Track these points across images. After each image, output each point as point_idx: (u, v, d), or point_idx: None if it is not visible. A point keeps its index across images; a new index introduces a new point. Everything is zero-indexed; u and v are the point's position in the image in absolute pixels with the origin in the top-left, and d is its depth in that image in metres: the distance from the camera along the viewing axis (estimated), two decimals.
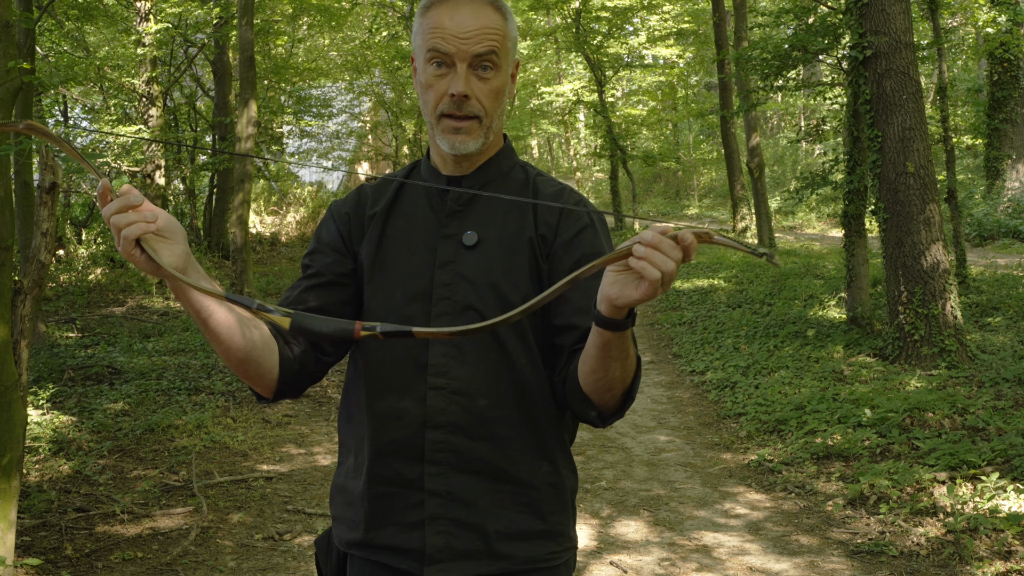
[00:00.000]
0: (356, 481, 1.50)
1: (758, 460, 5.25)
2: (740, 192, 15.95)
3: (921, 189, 6.81)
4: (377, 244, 1.50)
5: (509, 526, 1.45)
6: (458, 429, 1.43)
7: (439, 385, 1.43)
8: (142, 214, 1.22)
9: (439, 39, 1.40)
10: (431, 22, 1.42)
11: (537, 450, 1.47)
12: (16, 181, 6.78)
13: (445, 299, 1.45)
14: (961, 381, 6.18)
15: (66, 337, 8.39)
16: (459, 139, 1.44)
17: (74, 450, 5.21)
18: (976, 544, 3.84)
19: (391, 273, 1.48)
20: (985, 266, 10.62)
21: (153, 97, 11.61)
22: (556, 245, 1.47)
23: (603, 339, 1.26)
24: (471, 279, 1.45)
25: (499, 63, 1.43)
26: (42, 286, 3.59)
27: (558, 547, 1.50)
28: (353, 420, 1.52)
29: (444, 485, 1.43)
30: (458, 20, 1.40)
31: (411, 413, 1.44)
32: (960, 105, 17.55)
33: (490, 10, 1.43)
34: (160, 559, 3.95)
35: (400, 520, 1.45)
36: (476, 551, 1.44)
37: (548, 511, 1.48)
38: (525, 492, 1.46)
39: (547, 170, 37.34)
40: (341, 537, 1.53)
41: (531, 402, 1.46)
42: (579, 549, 4.10)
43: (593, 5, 18.05)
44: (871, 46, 6.97)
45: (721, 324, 8.97)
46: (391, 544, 1.46)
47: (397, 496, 1.45)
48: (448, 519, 1.43)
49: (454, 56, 1.40)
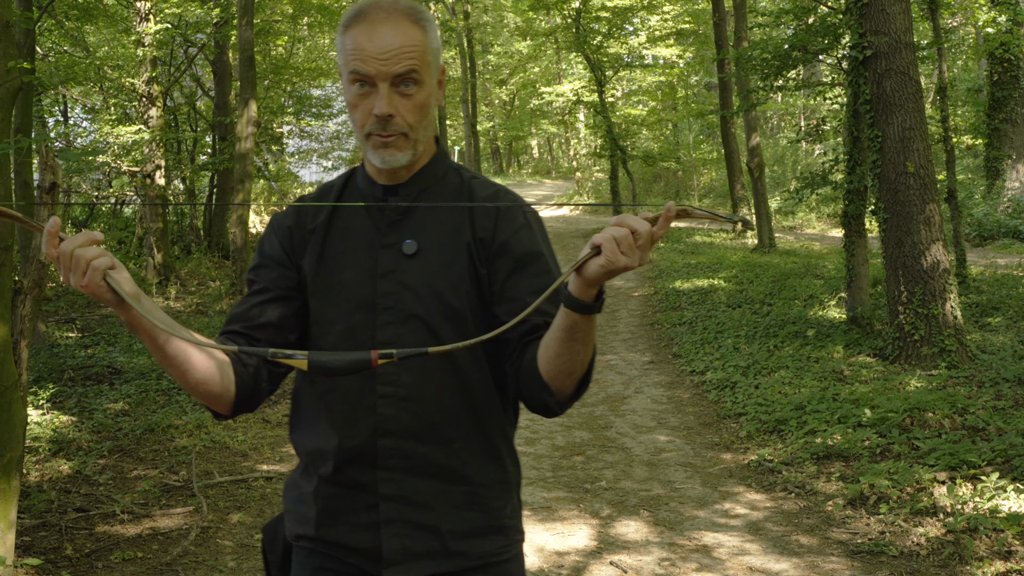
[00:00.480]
0: (308, 481, 1.54)
1: (758, 460, 5.25)
2: (740, 192, 15.95)
3: (921, 189, 6.81)
4: (319, 256, 1.53)
5: (462, 525, 1.49)
6: (409, 434, 1.47)
7: (388, 393, 1.46)
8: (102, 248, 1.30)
9: (359, 61, 1.42)
10: (350, 43, 1.43)
11: (484, 449, 1.52)
12: (16, 181, 6.78)
13: (389, 308, 1.48)
14: (961, 381, 6.18)
15: (66, 337, 8.39)
16: (388, 153, 1.46)
17: (74, 450, 5.21)
18: (976, 544, 3.84)
19: (334, 285, 1.51)
20: (985, 266, 10.62)
21: (153, 97, 11.61)
22: (494, 248, 1.50)
23: (570, 321, 1.30)
24: (413, 288, 1.47)
25: (420, 79, 1.44)
26: (42, 286, 3.59)
27: (508, 541, 1.55)
28: (300, 428, 1.56)
29: (398, 489, 1.47)
30: (376, 41, 1.41)
31: (362, 421, 1.47)
32: (960, 105, 17.55)
33: (408, 25, 1.44)
34: (160, 559, 3.95)
35: (352, 520, 1.50)
36: (432, 551, 1.48)
37: (497, 507, 1.53)
38: (475, 491, 1.50)
39: (547, 170, 37.37)
40: (291, 530, 1.57)
41: (477, 402, 1.50)
42: (579, 549, 4.11)
43: (593, 5, 18.04)
44: (871, 46, 6.97)
45: (721, 324, 8.97)
46: (341, 542, 1.50)
47: (349, 498, 1.50)
48: (403, 522, 1.47)
49: (375, 77, 1.42)
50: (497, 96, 37.37)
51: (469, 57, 19.15)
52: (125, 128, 11.06)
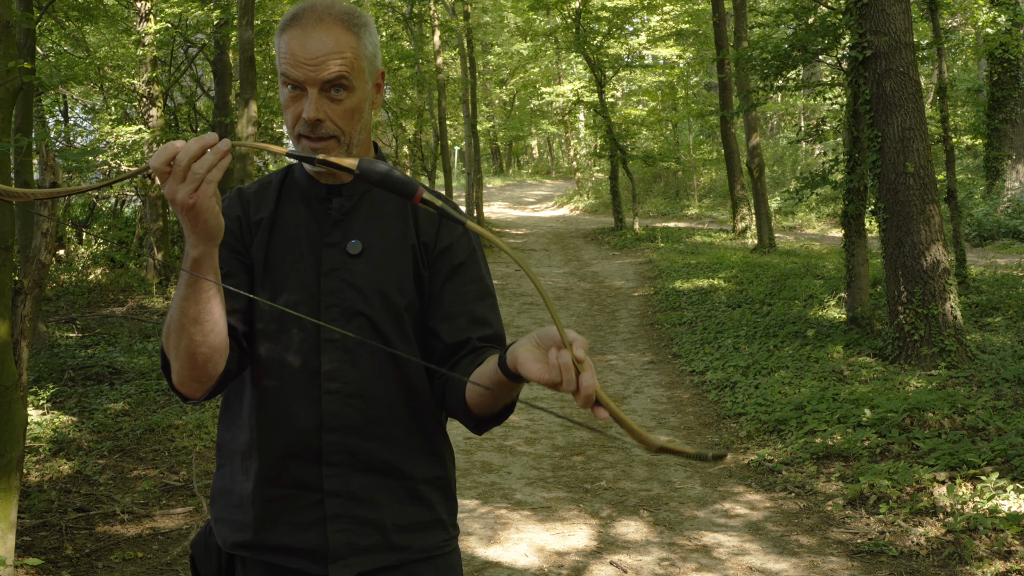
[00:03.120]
0: (244, 484, 1.52)
1: (758, 460, 5.26)
2: (740, 192, 15.95)
3: (921, 189, 6.81)
4: (265, 250, 1.53)
5: (404, 518, 1.52)
6: (353, 431, 1.48)
7: (333, 389, 1.48)
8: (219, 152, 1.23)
9: (289, 66, 1.43)
10: (284, 46, 1.44)
11: (425, 445, 1.54)
12: (16, 181, 6.78)
13: (335, 306, 1.49)
14: (961, 381, 6.18)
15: (66, 337, 8.40)
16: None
17: (74, 450, 5.21)
18: (976, 544, 3.84)
19: (279, 279, 1.52)
20: (985, 266, 10.62)
21: (153, 97, 11.62)
22: (435, 252, 1.53)
23: (502, 380, 1.32)
24: (358, 286, 1.49)
25: (351, 84, 1.45)
26: (42, 286, 3.60)
27: (448, 535, 1.58)
28: (236, 425, 1.55)
29: (343, 485, 1.48)
30: (307, 46, 1.42)
31: (305, 417, 1.48)
32: (960, 105, 17.56)
33: (340, 31, 1.44)
34: (160, 559, 3.95)
35: (294, 520, 1.49)
36: (376, 545, 1.50)
37: (437, 502, 1.56)
38: (416, 486, 1.53)
39: (547, 170, 37.37)
40: (226, 539, 1.54)
41: (417, 400, 1.53)
42: (579, 549, 4.11)
43: (593, 5, 18.04)
44: (871, 46, 6.97)
45: (721, 324, 8.97)
46: (283, 544, 1.49)
47: (291, 497, 1.49)
48: (348, 517, 1.49)
49: (304, 82, 1.43)
50: (497, 96, 37.37)
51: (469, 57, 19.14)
52: (125, 128, 11.06)
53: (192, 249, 1.28)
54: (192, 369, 1.38)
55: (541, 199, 27.48)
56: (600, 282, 12.57)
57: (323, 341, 1.48)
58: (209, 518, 1.62)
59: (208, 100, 15.33)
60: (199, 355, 1.36)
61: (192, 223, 1.25)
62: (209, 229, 1.26)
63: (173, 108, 14.12)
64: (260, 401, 1.50)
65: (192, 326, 1.33)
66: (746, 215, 15.88)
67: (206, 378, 1.40)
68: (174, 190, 1.21)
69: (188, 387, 1.41)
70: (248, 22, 9.36)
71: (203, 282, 1.30)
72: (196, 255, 1.28)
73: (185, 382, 1.40)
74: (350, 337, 1.47)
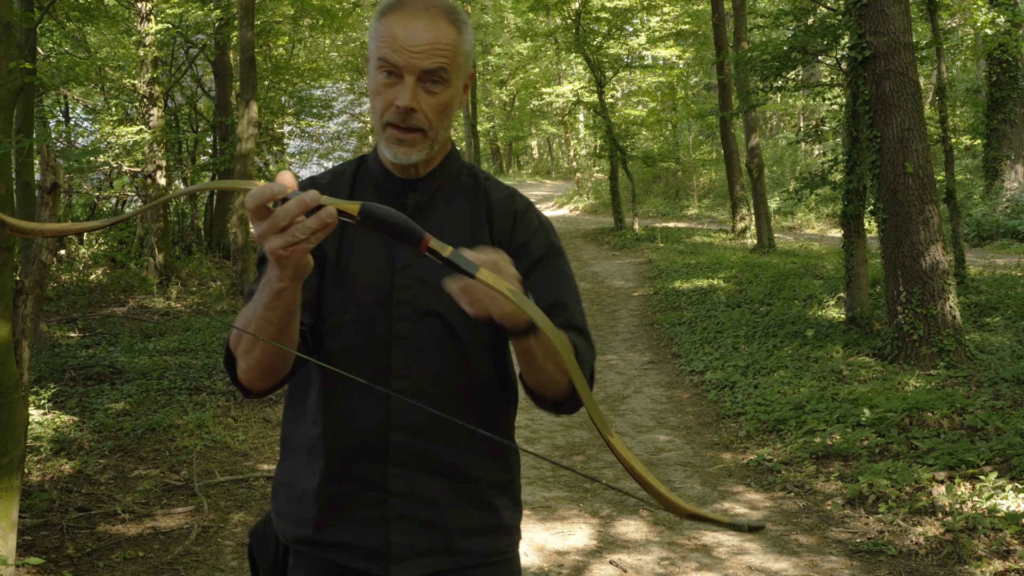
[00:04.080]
0: (309, 479, 1.50)
1: (757, 460, 5.27)
2: (739, 193, 15.96)
3: (920, 189, 6.82)
4: (338, 243, 1.50)
5: (468, 522, 1.49)
6: (419, 431, 1.46)
7: (402, 388, 1.45)
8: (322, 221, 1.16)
9: (389, 50, 1.40)
10: (384, 30, 1.42)
11: (491, 449, 1.52)
12: (17, 181, 6.80)
13: (406, 303, 1.47)
14: (960, 381, 6.19)
15: (67, 337, 8.41)
16: (402, 150, 1.45)
17: (75, 450, 5.22)
18: (975, 543, 3.85)
19: (352, 274, 1.49)
20: (984, 266, 10.63)
21: (154, 98, 11.63)
22: (512, 249, 1.50)
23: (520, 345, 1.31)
24: (431, 283, 1.46)
25: (448, 78, 1.43)
26: (43, 286, 3.61)
27: (511, 541, 1.55)
28: (301, 419, 1.53)
29: (407, 485, 1.46)
30: (410, 32, 1.40)
31: (373, 415, 1.46)
32: (959, 106, 17.57)
33: (444, 23, 1.42)
34: (161, 558, 3.96)
35: (356, 519, 1.47)
36: (437, 547, 1.47)
37: (502, 506, 1.53)
38: (481, 490, 1.51)
39: (547, 170, 37.36)
40: (287, 533, 1.53)
41: (485, 402, 1.50)
42: (579, 549, 4.12)
43: (593, 6, 18.05)
44: (870, 47, 6.98)
45: (720, 324, 8.98)
46: (345, 541, 1.48)
47: (355, 495, 1.47)
48: (411, 518, 1.46)
49: (403, 69, 1.40)
50: (497, 96, 37.38)
51: None
52: (126, 128, 11.08)
53: (276, 282, 1.23)
54: (261, 372, 1.36)
55: (541, 199, 27.48)
56: (600, 282, 12.58)
57: (393, 338, 1.45)
58: (269, 509, 1.60)
59: (209, 100, 15.35)
60: (271, 363, 1.35)
61: (280, 268, 1.20)
62: (297, 273, 1.21)
63: (174, 108, 14.13)
64: (327, 397, 1.48)
65: (279, 313, 1.28)
66: (745, 215, 15.89)
67: (274, 379, 1.40)
68: (266, 238, 1.16)
69: (254, 384, 1.40)
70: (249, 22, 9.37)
71: (287, 308, 1.26)
72: (279, 288, 1.23)
73: (252, 380, 1.39)
74: (420, 335, 1.45)
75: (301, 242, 1.15)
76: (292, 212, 1.14)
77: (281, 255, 1.17)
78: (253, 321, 1.29)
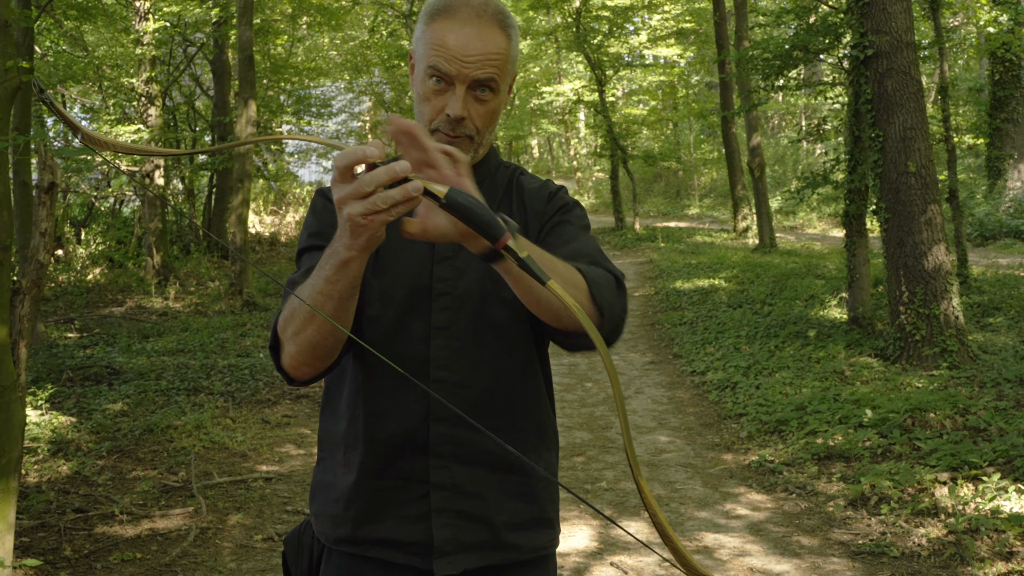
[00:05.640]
0: (346, 476, 1.48)
1: (759, 461, 5.24)
2: (741, 192, 15.94)
3: (922, 189, 6.79)
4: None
5: (514, 516, 1.47)
6: (461, 421, 1.43)
7: (442, 378, 1.43)
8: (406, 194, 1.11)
9: (441, 59, 1.38)
10: (435, 36, 1.39)
11: (536, 439, 1.50)
12: (15, 181, 6.76)
13: (446, 294, 1.45)
14: (962, 381, 6.17)
15: (65, 337, 8.38)
16: None
17: (73, 451, 5.20)
18: (977, 545, 3.82)
19: (391, 266, 1.48)
20: (987, 266, 10.61)
21: (152, 96, 11.60)
22: (546, 219, 1.50)
23: (504, 273, 1.23)
24: (471, 274, 1.45)
25: (498, 86, 1.42)
26: (41, 286, 3.58)
27: (554, 534, 1.54)
28: (340, 415, 1.50)
29: (449, 478, 1.43)
30: (463, 41, 1.37)
31: (413, 407, 1.44)
32: (961, 105, 17.55)
33: (496, 32, 1.40)
34: (159, 560, 3.93)
35: (399, 513, 1.45)
36: (483, 542, 1.44)
37: (546, 499, 1.52)
38: (526, 482, 1.48)
39: (547, 170, 37.36)
40: (327, 534, 1.51)
41: (530, 391, 1.49)
42: (580, 550, 4.10)
43: (594, 4, 18.03)
44: (872, 45, 6.95)
45: (722, 324, 8.95)
46: (388, 537, 1.45)
47: (396, 490, 1.45)
48: (454, 511, 1.43)
49: (454, 78, 1.39)
50: None
51: None
52: (124, 127, 11.04)
53: (344, 250, 1.18)
54: (311, 357, 1.33)
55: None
56: None
57: (432, 328, 1.44)
58: (307, 515, 1.58)
59: (207, 99, 15.33)
60: (323, 346, 1.31)
61: (353, 236, 1.16)
62: (369, 243, 1.18)
63: (172, 107, 14.11)
64: (366, 390, 1.46)
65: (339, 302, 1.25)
66: (747, 215, 15.87)
67: (323, 364, 1.36)
68: (347, 203, 1.12)
69: (299, 371, 1.36)
70: (247, 21, 9.34)
71: (351, 282, 1.22)
72: (347, 257, 1.19)
73: (298, 366, 1.35)
74: (460, 325, 1.43)
75: (381, 212, 1.11)
76: (379, 179, 1.10)
77: (359, 222, 1.13)
78: (312, 296, 1.25)
